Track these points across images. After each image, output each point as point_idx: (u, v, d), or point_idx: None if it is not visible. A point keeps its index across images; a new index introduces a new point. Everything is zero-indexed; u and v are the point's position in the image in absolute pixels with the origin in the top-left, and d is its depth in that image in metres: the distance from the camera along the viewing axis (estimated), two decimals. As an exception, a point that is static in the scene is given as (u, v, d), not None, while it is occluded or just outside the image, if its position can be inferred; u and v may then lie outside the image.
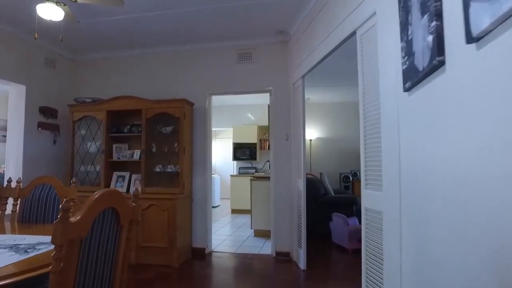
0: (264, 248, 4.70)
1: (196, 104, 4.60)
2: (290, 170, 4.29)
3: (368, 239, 2.26)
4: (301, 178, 3.81)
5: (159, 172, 4.36)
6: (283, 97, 4.42)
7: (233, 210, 8.12)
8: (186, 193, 4.28)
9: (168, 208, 3.96)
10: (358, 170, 7.92)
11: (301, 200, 3.84)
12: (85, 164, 4.58)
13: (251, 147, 8.56)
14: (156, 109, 4.29)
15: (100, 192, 1.32)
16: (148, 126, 4.36)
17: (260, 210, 5.44)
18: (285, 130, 4.38)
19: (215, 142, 11.54)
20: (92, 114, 4.51)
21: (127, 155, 4.51)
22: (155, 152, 4.40)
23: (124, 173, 4.52)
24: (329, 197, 5.37)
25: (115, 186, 4.44)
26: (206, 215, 4.51)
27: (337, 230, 4.76)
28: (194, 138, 4.61)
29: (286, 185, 4.32)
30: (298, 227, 3.95)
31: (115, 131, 4.52)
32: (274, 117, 4.44)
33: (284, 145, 4.37)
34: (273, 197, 4.39)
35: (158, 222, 3.99)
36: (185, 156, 4.23)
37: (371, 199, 2.22)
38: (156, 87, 4.77)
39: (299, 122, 3.96)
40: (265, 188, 5.42)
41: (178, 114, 4.22)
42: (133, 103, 4.38)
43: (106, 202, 1.35)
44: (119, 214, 1.43)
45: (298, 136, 3.98)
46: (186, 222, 4.29)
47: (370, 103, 2.28)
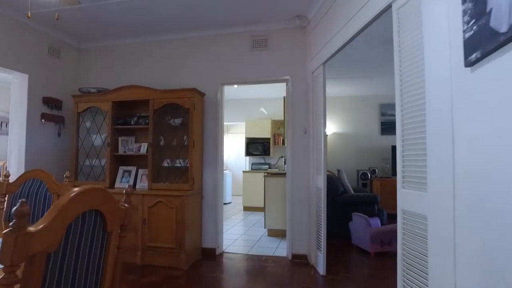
0: (278, 250, 4.39)
1: (207, 95, 4.29)
2: (308, 166, 3.96)
3: (406, 246, 1.92)
4: (321, 175, 3.48)
5: (167, 167, 4.08)
6: (301, 87, 4.07)
7: (245, 208, 7.82)
8: (196, 189, 4.00)
9: (176, 205, 3.68)
10: (376, 167, 7.53)
11: (320, 199, 3.51)
12: (90, 158, 4.34)
13: (264, 142, 8.23)
14: (164, 99, 4.00)
15: (78, 191, 1.01)
16: (156, 118, 4.08)
17: (274, 209, 5.13)
18: (303, 123, 4.04)
19: (227, 136, 11.26)
20: (97, 105, 4.26)
21: (134, 148, 4.25)
22: (163, 145, 4.12)
23: (130, 168, 4.26)
24: (348, 196, 5.01)
25: (120, 182, 4.19)
26: (217, 214, 4.22)
27: (357, 231, 4.41)
28: (205, 131, 4.31)
29: (303, 182, 3.99)
30: (317, 228, 3.62)
31: (121, 123, 4.25)
32: (291, 109, 4.10)
33: (301, 139, 4.03)
34: (289, 195, 4.06)
35: (165, 220, 3.71)
36: (195, 150, 3.94)
37: (410, 200, 1.87)
38: (165, 77, 4.48)
39: (319, 114, 3.61)
40: (280, 185, 5.09)
41: (188, 104, 3.92)
42: (140, 93, 4.10)
43: (86, 203, 1.05)
44: (106, 218, 1.13)
45: (318, 130, 3.64)
46: (195, 221, 4.01)
47: (410, 88, 1.92)
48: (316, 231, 3.65)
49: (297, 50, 4.12)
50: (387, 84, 6.93)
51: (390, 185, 7.09)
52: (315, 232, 3.68)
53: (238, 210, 7.80)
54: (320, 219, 3.49)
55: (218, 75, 4.32)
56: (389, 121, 7.73)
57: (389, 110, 7.76)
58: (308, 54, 3.98)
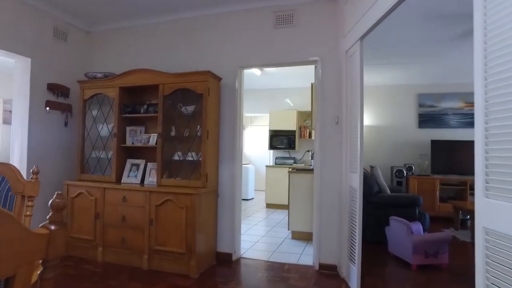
0: (304, 257, 3.85)
1: (224, 80, 3.79)
2: (340, 162, 3.38)
3: (495, 277, 1.33)
4: (357, 173, 2.90)
5: (179, 161, 3.63)
6: (332, 69, 3.48)
7: (268, 205, 7.32)
8: (210, 187, 3.52)
9: (187, 205, 3.22)
10: (413, 163, 6.79)
11: (355, 201, 2.94)
12: (96, 150, 3.96)
13: (289, 135, 7.66)
14: (175, 84, 3.54)
15: None
16: (166, 105, 3.63)
17: (299, 209, 4.59)
18: (334, 112, 3.46)
19: (250, 129, 10.78)
20: (104, 91, 3.86)
21: (143, 139, 3.82)
22: (175, 136, 3.67)
23: (138, 161, 3.84)
24: (385, 196, 4.37)
25: (128, 176, 3.78)
26: (234, 214, 3.73)
27: (396, 238, 3.79)
28: (222, 121, 3.81)
29: (334, 181, 3.42)
30: (350, 236, 3.05)
31: (129, 111, 3.83)
32: (320, 96, 3.52)
33: (332, 130, 3.46)
34: (317, 195, 3.51)
35: (174, 221, 3.26)
36: (209, 142, 3.45)
37: (501, 215, 1.28)
38: (177, 60, 4.02)
39: (354, 101, 3.02)
40: (306, 183, 4.54)
41: (201, 89, 3.44)
42: (148, 78, 3.66)
43: None
44: None
45: (353, 119, 3.05)
46: (209, 222, 3.54)
47: (501, 60, 1.32)
48: (349, 239, 3.09)
49: (327, 27, 3.52)
50: (425, 72, 6.17)
51: (429, 184, 6.37)
52: (348, 239, 3.12)
53: (261, 207, 7.31)
54: (354, 225, 2.92)
55: (236, 58, 3.81)
56: (428, 113, 6.95)
57: (428, 101, 6.98)
58: (340, 30, 3.38)
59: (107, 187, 3.56)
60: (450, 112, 6.84)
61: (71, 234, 3.69)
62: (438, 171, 6.50)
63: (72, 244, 3.69)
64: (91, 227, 3.60)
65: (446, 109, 6.86)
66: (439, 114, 6.91)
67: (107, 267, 3.41)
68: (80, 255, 3.65)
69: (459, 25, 3.86)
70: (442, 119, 6.89)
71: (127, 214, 3.46)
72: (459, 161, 6.43)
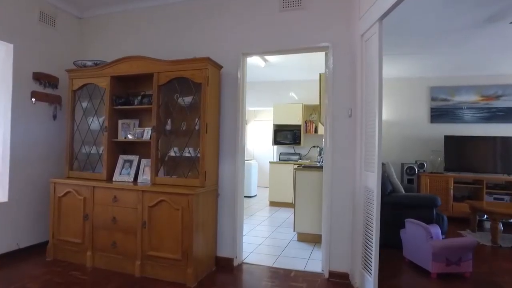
0: (311, 262, 3.53)
1: (226, 69, 3.46)
2: (353, 159, 3.05)
3: None
4: (374, 172, 2.56)
5: (175, 157, 3.31)
6: (345, 56, 3.14)
7: (272, 203, 7.00)
8: (209, 185, 3.20)
9: (183, 206, 2.90)
10: (425, 160, 6.43)
11: (371, 204, 2.61)
12: (86, 145, 3.64)
13: (294, 130, 7.32)
14: (171, 72, 3.21)
15: None
16: (161, 96, 3.30)
17: (306, 209, 4.26)
18: (347, 103, 3.12)
19: (254, 123, 10.46)
20: (94, 81, 3.53)
21: (137, 133, 3.50)
22: (171, 130, 3.35)
23: (131, 157, 3.52)
24: (399, 196, 4.03)
25: (120, 174, 3.46)
26: (235, 216, 3.41)
27: (412, 243, 3.47)
28: (223, 113, 3.49)
29: (346, 180, 3.09)
30: (365, 242, 2.73)
31: (121, 103, 3.51)
32: (331, 86, 3.18)
33: (345, 124, 3.12)
34: (327, 195, 3.18)
35: (169, 224, 2.95)
36: (208, 136, 3.13)
37: None
38: (175, 48, 3.68)
39: (372, 91, 2.68)
40: (314, 181, 4.22)
41: (200, 78, 3.11)
42: (142, 66, 3.33)
43: None
44: None
45: (370, 111, 2.71)
46: (208, 225, 3.22)
47: None
48: (364, 245, 2.76)
49: (339, 8, 3.17)
50: (439, 63, 5.79)
51: (441, 182, 6.02)
52: (362, 245, 2.79)
53: (264, 205, 7.00)
54: (370, 231, 2.59)
55: (239, 44, 3.46)
56: (441, 107, 6.58)
57: (441, 94, 6.60)
58: (355, 11, 3.03)
59: (96, 185, 3.25)
60: (464, 106, 6.46)
61: (58, 236, 3.39)
62: (451, 169, 6.15)
63: (59, 247, 3.39)
64: (79, 229, 3.29)
65: (461, 103, 6.48)
66: (453, 108, 6.53)
67: (96, 273, 3.11)
68: (68, 260, 3.35)
69: (482, 8, 3.50)
70: (456, 114, 6.52)
71: (118, 216, 3.15)
72: (474, 158, 6.08)
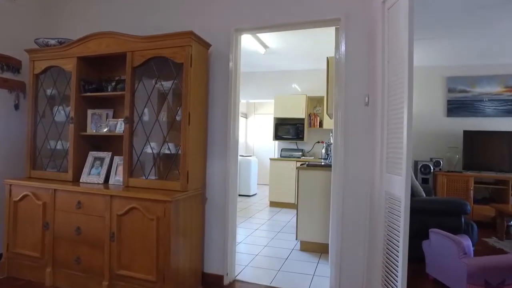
0: (317, 279, 2.97)
1: (216, 48, 2.88)
2: (371, 158, 2.47)
3: None
4: (401, 175, 1.98)
5: (153, 154, 2.73)
6: (361, 30, 2.54)
7: (272, 203, 6.43)
8: (194, 189, 2.63)
9: (158, 216, 2.33)
10: (441, 157, 5.82)
11: (395, 214, 2.04)
12: (51, 140, 3.08)
13: (297, 124, 6.73)
14: (147, 51, 2.63)
15: None
16: (136, 80, 2.73)
17: (310, 214, 3.70)
18: (363, 88, 2.53)
19: (254, 117, 9.87)
20: (59, 63, 2.96)
21: (110, 126, 2.93)
22: (148, 121, 2.77)
23: (103, 154, 2.95)
24: (420, 201, 3.44)
25: (89, 174, 2.89)
26: (226, 224, 2.84)
27: (439, 258, 2.89)
28: (212, 102, 2.91)
29: (361, 182, 2.52)
30: (387, 259, 2.16)
31: (91, 89, 2.94)
32: (344, 68, 2.59)
33: (360, 114, 2.54)
34: (337, 200, 2.60)
35: (142, 238, 2.39)
36: (191, 130, 2.55)
37: None
38: (155, 23, 3.10)
39: (398, 70, 2.09)
40: (319, 182, 3.65)
41: (181, 58, 2.52)
42: (113, 44, 2.75)
43: None
44: None
45: (396, 97, 2.12)
46: (192, 237, 2.66)
47: None
48: (385, 263, 2.19)
49: (354, -27, 2.58)
50: (458, 49, 5.16)
51: (460, 182, 5.43)
52: (382, 263, 2.22)
53: (264, 206, 6.44)
54: (394, 248, 2.02)
55: (231, 19, 2.88)
56: (459, 99, 5.97)
57: (459, 85, 5.98)
58: (374, -25, 2.44)
59: (58, 188, 2.68)
60: (486, 98, 5.84)
61: (14, 249, 2.83)
62: (471, 167, 5.55)
63: (15, 262, 2.83)
64: (38, 241, 2.74)
65: (482, 95, 5.86)
66: (472, 100, 5.91)
67: (56, 295, 2.56)
68: (25, 277, 2.80)
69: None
70: (476, 106, 5.91)
71: (83, 225, 2.59)
72: (496, 155, 5.48)
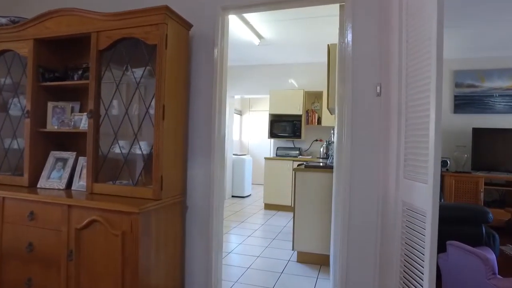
0: (317, 300, 2.56)
1: (198, 29, 2.44)
2: (385, 161, 2.05)
3: None
4: (427, 183, 1.56)
5: (122, 155, 2.30)
6: (372, 4, 2.12)
7: (267, 205, 6.01)
8: (170, 196, 2.20)
9: (124, 231, 1.90)
10: (448, 157, 5.42)
11: (416, 230, 1.62)
12: (6, 138, 2.63)
13: (294, 121, 6.30)
14: (115, 31, 2.19)
15: None
16: (103, 67, 2.29)
17: (309, 221, 3.28)
18: (373, 76, 2.11)
19: (249, 115, 9.45)
20: (13, 46, 2.51)
21: (75, 121, 2.49)
22: (117, 116, 2.33)
23: (66, 154, 2.51)
24: (433, 207, 3.04)
25: (48, 178, 2.45)
26: (210, 236, 2.42)
27: (458, 275, 2.48)
28: (193, 94, 2.48)
29: (372, 190, 2.10)
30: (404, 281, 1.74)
31: (52, 78, 2.50)
32: (351, 52, 2.16)
33: (370, 107, 2.12)
34: (342, 210, 2.18)
35: (105, 257, 1.96)
36: (166, 125, 2.12)
37: None
38: (128, 2, 2.65)
39: (421, 50, 1.66)
40: (319, 185, 3.23)
41: (154, 38, 2.09)
42: (74, 23, 2.30)
43: None
44: None
45: (419, 83, 1.69)
46: (169, 252, 2.23)
47: None
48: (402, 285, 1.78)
49: None
50: (467, 41, 4.75)
51: (469, 183, 5.02)
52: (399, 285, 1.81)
53: (258, 208, 6.01)
54: (416, 273, 1.61)
55: (217, -6, 2.45)
56: (467, 94, 5.56)
57: (468, 79, 5.58)
58: None
59: (6, 196, 2.24)
60: (496, 93, 5.44)
61: (-44, 267, 2.39)
62: (481, 168, 5.16)
63: (-42, 283, 2.40)
64: (-15, 258, 2.30)
65: (491, 90, 5.46)
66: (482, 95, 5.51)
67: (3, 324, 2.13)
68: (-29, 300, 2.36)
69: None
70: (485, 102, 5.50)
71: (36, 240, 2.15)
72: (507, 154, 5.09)
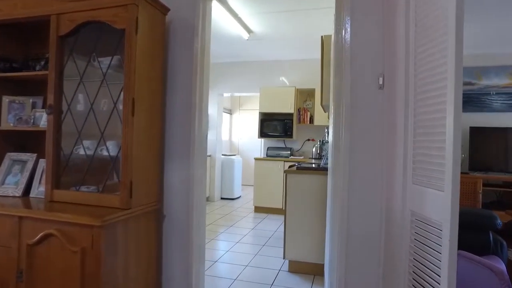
0: (310, 318, 2.30)
1: (177, 14, 2.16)
2: (390, 162, 1.79)
3: None
4: (445, 190, 1.29)
5: (87, 157, 2.00)
6: (372, -14, 1.87)
7: (257, 208, 5.74)
8: (142, 204, 1.91)
9: (84, 247, 1.61)
10: (444, 157, 5.26)
11: (431, 249, 1.36)
12: (-43, 136, 2.31)
13: (285, 120, 6.03)
14: (78, 13, 1.89)
15: None
16: (65, 56, 1.98)
17: (301, 228, 3.02)
18: (375, 65, 1.85)
19: (239, 114, 9.17)
20: (-37, 32, 2.20)
21: (35, 118, 2.18)
22: (82, 112, 2.03)
23: (24, 156, 2.20)
24: (436, 212, 2.80)
25: (2, 183, 2.13)
26: (191, 248, 2.13)
27: (466, 287, 2.24)
28: (171, 87, 2.19)
29: (370, 194, 1.84)
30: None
31: (8, 68, 2.18)
32: (348, 40, 1.90)
33: (371, 101, 1.86)
34: (340, 218, 1.92)
35: (62, 277, 1.66)
36: (137, 123, 1.83)
37: None
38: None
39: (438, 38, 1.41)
40: (311, 189, 2.98)
41: (123, 22, 1.79)
42: (33, 4, 2.00)
43: None
44: None
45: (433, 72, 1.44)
46: (141, 267, 1.94)
47: None
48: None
49: None
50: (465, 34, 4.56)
51: (467, 184, 4.83)
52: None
53: (248, 211, 5.74)
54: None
55: (198, -25, 2.16)
56: (464, 92, 5.23)
57: (464, 77, 5.24)
58: None
59: (-50, 204, 1.93)
60: (493, 91, 5.27)
61: None
62: (478, 168, 4.98)
63: None
64: None
65: (489, 87, 5.28)
66: (478, 93, 5.34)
67: None
68: None
69: None
70: (482, 100, 5.33)
71: (-16, 257, 1.84)
72: (505, 154, 4.92)
